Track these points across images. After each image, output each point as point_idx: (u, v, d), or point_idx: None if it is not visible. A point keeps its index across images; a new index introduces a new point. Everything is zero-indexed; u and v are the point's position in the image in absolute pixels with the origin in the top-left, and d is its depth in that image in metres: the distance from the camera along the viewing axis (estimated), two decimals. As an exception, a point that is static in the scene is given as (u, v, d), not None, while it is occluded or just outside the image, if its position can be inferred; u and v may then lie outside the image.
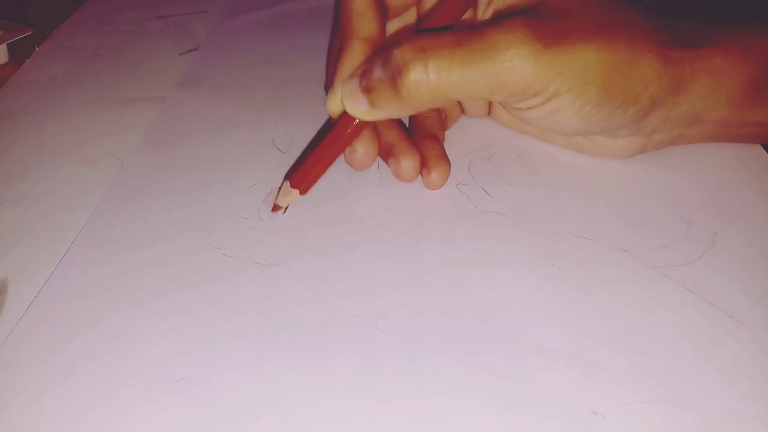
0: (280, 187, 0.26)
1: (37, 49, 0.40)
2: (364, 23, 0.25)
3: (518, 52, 0.21)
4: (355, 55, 0.25)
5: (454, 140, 0.30)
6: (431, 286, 0.23)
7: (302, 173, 0.26)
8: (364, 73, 0.24)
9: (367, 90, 0.23)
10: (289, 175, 0.26)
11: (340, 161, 0.26)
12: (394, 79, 0.22)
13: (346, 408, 0.19)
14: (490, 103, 0.30)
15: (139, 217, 0.27)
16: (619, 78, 0.23)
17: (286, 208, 0.26)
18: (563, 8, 0.23)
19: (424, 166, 0.27)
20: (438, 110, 0.29)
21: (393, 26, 0.29)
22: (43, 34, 0.41)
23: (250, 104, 0.34)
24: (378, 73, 0.23)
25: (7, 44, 0.38)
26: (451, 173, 0.28)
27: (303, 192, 0.26)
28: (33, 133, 0.32)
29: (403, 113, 0.25)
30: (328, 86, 0.28)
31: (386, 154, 0.27)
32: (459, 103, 0.30)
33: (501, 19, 0.22)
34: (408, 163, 0.26)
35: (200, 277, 0.24)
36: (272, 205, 0.26)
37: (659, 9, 0.25)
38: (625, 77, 0.23)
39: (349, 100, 0.24)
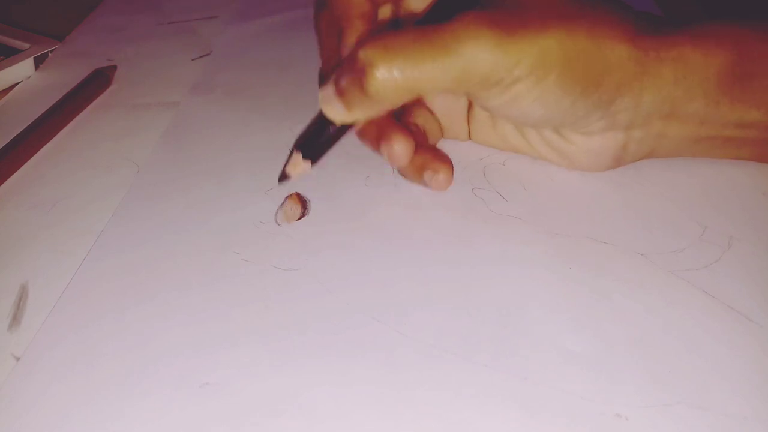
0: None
1: (50, 54, 0.40)
2: (359, 2, 0.26)
3: (479, 43, 0.22)
4: (358, 30, 0.26)
5: (469, 145, 0.30)
6: (450, 289, 0.23)
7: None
8: (336, 77, 0.24)
9: (340, 94, 0.24)
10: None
11: (351, 160, 0.26)
12: (361, 80, 0.23)
13: (370, 411, 0.19)
14: (469, 128, 0.30)
15: (157, 221, 0.27)
16: (579, 64, 0.23)
17: (304, 210, 0.27)
18: (524, 1, 0.23)
19: (427, 168, 0.27)
20: (416, 125, 0.29)
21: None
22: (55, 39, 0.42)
23: (263, 109, 0.34)
24: (347, 76, 0.23)
25: (34, 57, 0.38)
26: (466, 178, 0.28)
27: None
28: (49, 138, 0.33)
29: (378, 112, 0.25)
30: (327, 70, 0.28)
31: (377, 140, 0.27)
32: (438, 124, 0.30)
33: (463, 12, 0.23)
34: (400, 144, 0.26)
35: (221, 282, 0.24)
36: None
37: (662, 7, 0.25)
38: (586, 63, 0.23)
39: (327, 106, 0.25)
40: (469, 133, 0.30)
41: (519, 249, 0.25)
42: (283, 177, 0.26)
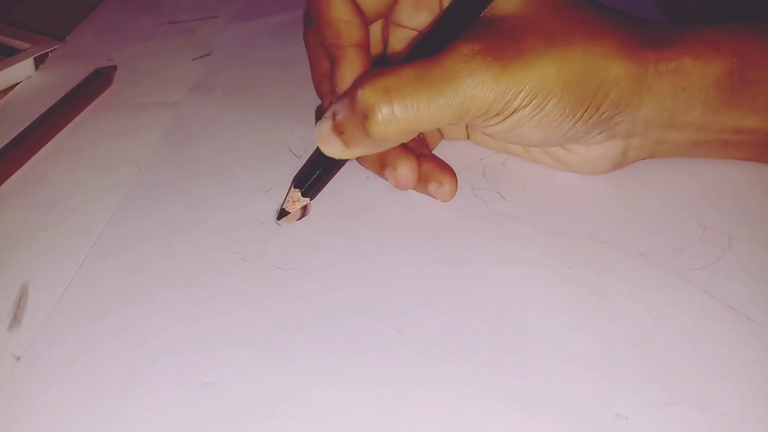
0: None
1: (50, 54, 0.40)
2: (351, 30, 0.25)
3: (479, 79, 0.22)
4: (352, 62, 0.25)
5: (468, 145, 0.30)
6: (450, 289, 0.23)
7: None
8: (334, 115, 0.24)
9: (339, 132, 0.24)
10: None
11: (350, 161, 0.26)
12: (363, 122, 0.22)
13: (370, 411, 0.19)
14: (467, 130, 0.30)
15: (157, 221, 0.27)
16: (578, 88, 0.23)
17: (304, 210, 0.27)
18: (520, 19, 0.23)
19: (431, 180, 0.26)
20: None
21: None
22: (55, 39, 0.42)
23: (263, 109, 0.34)
24: (346, 115, 0.23)
25: (34, 57, 0.38)
26: (466, 178, 0.28)
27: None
28: (48, 138, 0.33)
29: (378, 150, 0.25)
30: (326, 102, 0.28)
31: (380, 165, 0.27)
32: (438, 129, 0.30)
33: (458, 43, 0.22)
34: (405, 168, 0.26)
35: (221, 282, 0.24)
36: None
37: (662, 7, 0.25)
38: (584, 86, 0.23)
39: (324, 142, 0.24)
40: (468, 134, 0.30)
41: (519, 249, 0.25)
42: (282, 214, 0.26)
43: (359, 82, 0.23)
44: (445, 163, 0.27)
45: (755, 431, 0.18)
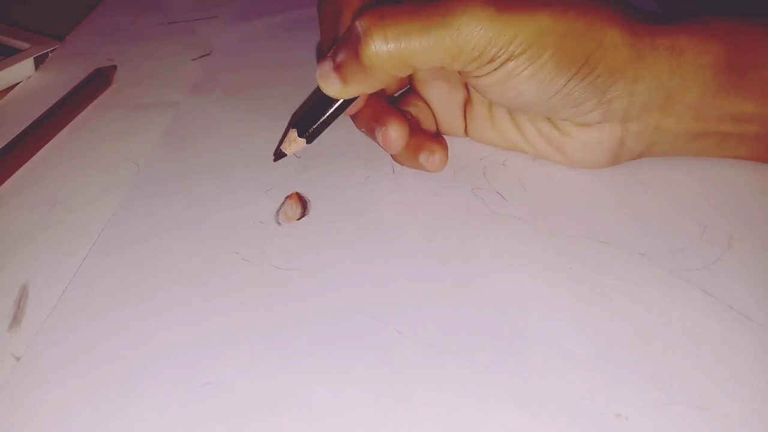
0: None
1: (50, 54, 0.40)
2: None
3: (474, 17, 0.22)
4: (357, 10, 0.25)
5: (468, 145, 0.30)
6: (450, 289, 0.23)
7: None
8: (334, 51, 0.25)
9: (337, 67, 0.24)
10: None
11: (350, 161, 0.26)
12: (357, 49, 0.23)
13: (369, 411, 0.19)
14: (465, 123, 0.30)
15: (157, 221, 0.27)
16: (574, 43, 0.23)
17: (304, 210, 0.27)
18: None
19: (423, 149, 0.27)
20: (410, 113, 0.29)
21: None
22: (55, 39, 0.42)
23: (263, 109, 0.34)
24: (344, 52, 0.24)
25: (34, 57, 0.39)
26: (466, 177, 0.28)
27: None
28: (48, 138, 0.33)
29: (373, 86, 0.25)
30: (325, 49, 0.28)
31: (373, 124, 0.27)
32: (432, 116, 0.30)
33: None
34: (393, 127, 0.26)
35: (221, 282, 0.24)
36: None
37: (662, 8, 0.25)
38: (580, 43, 0.23)
39: (323, 80, 0.25)
40: (466, 128, 0.31)
41: (519, 249, 0.25)
42: (279, 155, 0.26)
43: (358, 14, 0.23)
44: (439, 135, 0.27)
45: (755, 431, 0.18)
